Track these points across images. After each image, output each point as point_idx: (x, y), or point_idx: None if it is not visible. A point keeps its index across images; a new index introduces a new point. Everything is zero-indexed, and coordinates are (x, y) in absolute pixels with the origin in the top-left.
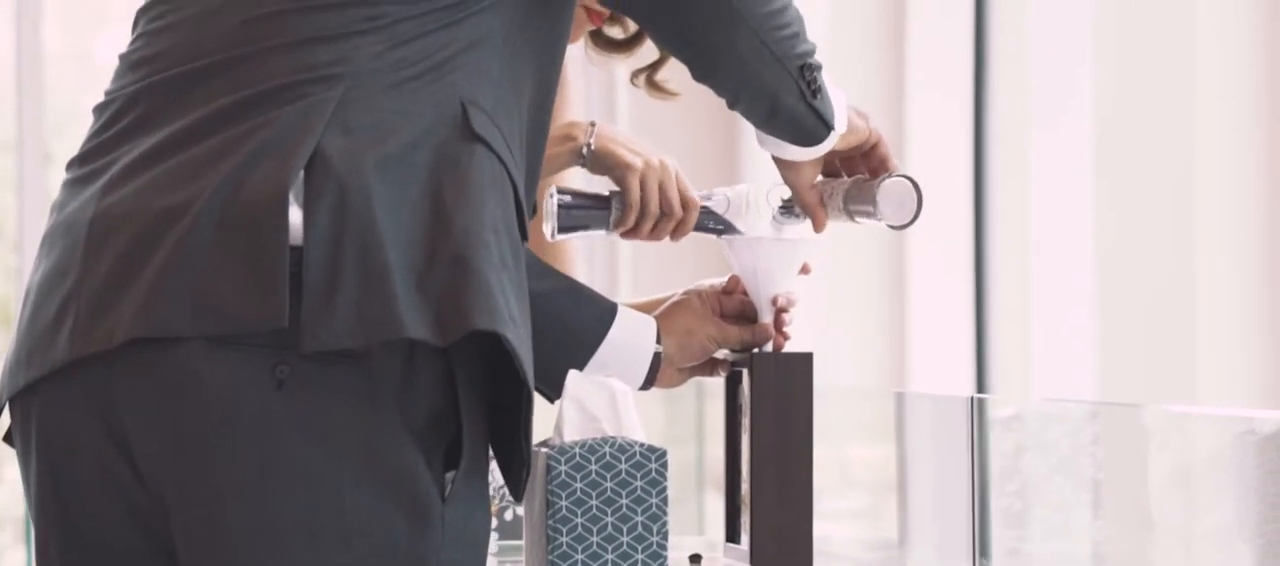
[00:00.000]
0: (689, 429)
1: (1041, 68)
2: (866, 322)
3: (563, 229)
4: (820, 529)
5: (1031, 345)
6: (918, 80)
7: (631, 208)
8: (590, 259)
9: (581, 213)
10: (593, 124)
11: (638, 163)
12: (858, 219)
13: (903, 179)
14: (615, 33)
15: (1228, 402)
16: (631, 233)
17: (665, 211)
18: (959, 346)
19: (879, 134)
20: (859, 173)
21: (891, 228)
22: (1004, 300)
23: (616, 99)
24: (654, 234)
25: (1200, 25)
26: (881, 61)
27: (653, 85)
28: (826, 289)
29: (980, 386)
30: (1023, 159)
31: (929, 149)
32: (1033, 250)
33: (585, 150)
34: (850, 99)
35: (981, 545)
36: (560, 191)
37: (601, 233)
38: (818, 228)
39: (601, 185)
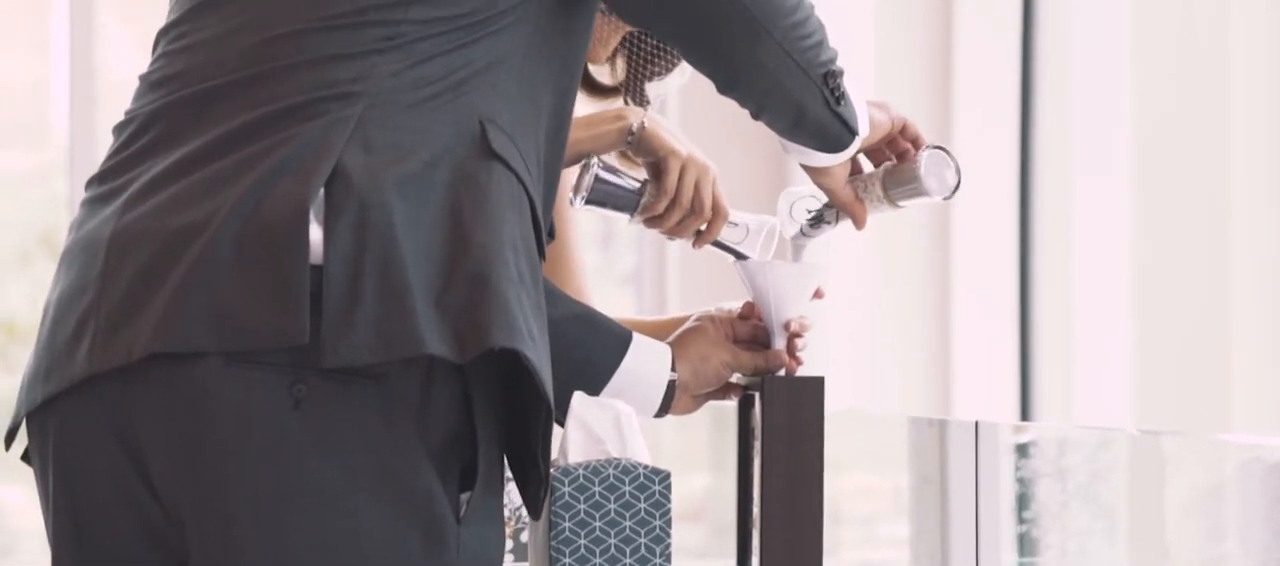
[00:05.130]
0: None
1: (1085, 101)
2: (912, 351)
3: (592, 200)
4: (875, 555)
5: (1074, 373)
6: (964, 108)
7: (665, 194)
8: (639, 278)
9: (614, 190)
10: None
11: (683, 151)
12: (900, 203)
13: (936, 150)
14: (603, 77)
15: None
16: (657, 221)
17: (695, 209)
18: (1004, 374)
19: (903, 117)
20: (886, 161)
21: (944, 200)
22: (1048, 328)
23: (665, 112)
24: (678, 229)
25: (1240, 55)
26: (929, 90)
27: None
28: (873, 318)
29: (1024, 414)
30: (1067, 189)
31: (974, 180)
32: (1076, 279)
33: (635, 126)
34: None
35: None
36: (602, 163)
37: (625, 217)
38: (859, 224)
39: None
